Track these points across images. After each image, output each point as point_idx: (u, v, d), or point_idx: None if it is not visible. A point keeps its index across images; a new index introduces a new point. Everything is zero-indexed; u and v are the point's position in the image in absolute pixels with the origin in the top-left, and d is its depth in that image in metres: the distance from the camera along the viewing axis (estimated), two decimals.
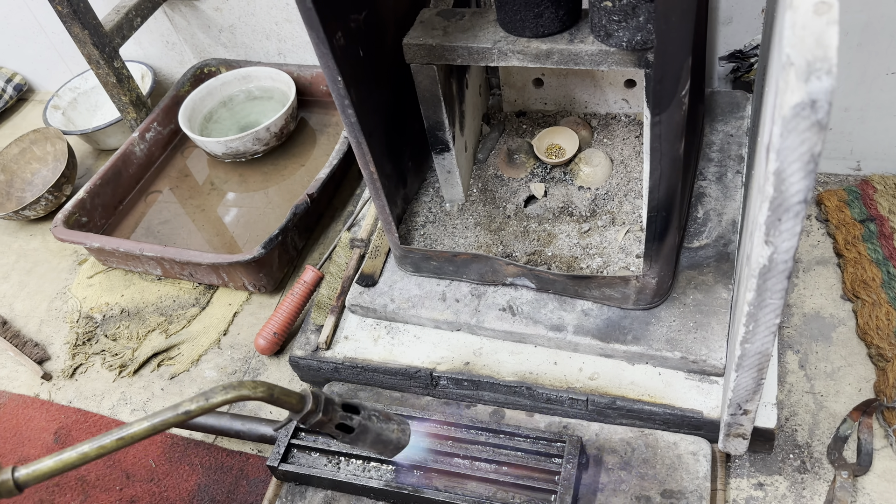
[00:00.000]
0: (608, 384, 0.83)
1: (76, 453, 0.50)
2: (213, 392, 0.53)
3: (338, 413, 0.62)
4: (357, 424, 0.63)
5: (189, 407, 0.53)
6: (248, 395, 0.54)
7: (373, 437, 0.65)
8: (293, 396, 0.58)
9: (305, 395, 0.59)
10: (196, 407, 0.52)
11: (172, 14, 1.38)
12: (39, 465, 0.50)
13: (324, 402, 0.60)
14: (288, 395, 0.57)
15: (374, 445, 0.66)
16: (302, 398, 0.59)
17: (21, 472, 0.49)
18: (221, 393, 0.53)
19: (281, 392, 0.57)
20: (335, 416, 0.62)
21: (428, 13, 0.83)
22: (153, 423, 0.52)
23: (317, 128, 1.31)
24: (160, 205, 1.24)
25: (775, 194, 0.48)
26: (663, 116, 0.64)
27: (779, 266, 0.52)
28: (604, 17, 0.70)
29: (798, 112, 0.43)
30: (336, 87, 0.74)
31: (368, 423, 0.65)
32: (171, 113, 1.31)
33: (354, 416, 0.63)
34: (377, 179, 0.83)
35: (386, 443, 0.67)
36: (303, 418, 0.59)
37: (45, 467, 0.50)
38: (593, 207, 0.94)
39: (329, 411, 0.61)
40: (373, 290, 0.94)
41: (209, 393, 0.53)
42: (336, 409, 0.62)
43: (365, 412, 0.65)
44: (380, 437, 0.66)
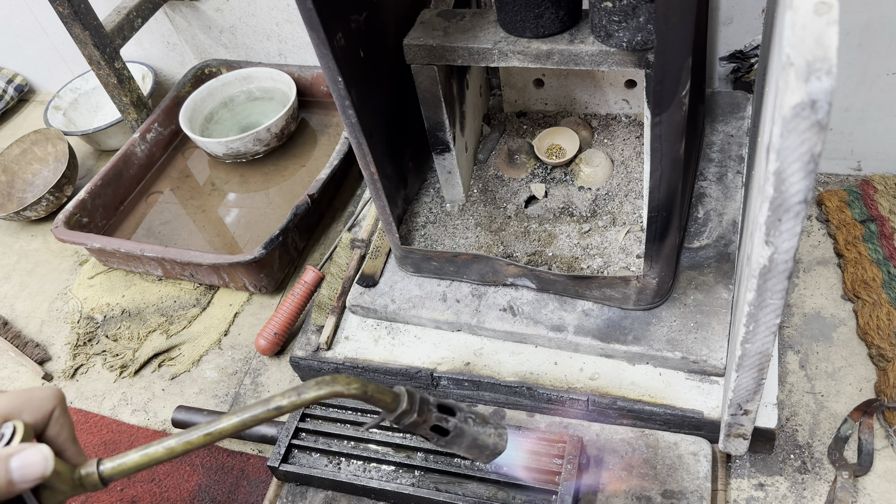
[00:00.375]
0: (609, 384, 0.83)
1: (163, 448, 0.48)
2: (305, 387, 0.51)
3: (433, 414, 0.59)
4: (453, 427, 0.60)
5: (281, 402, 0.50)
6: (342, 392, 0.52)
7: (469, 440, 0.61)
8: (388, 395, 0.55)
9: (400, 393, 0.56)
10: (288, 402, 0.50)
11: (173, 15, 1.38)
12: (125, 458, 0.48)
13: (419, 401, 0.57)
14: (382, 394, 0.55)
15: (470, 450, 0.62)
16: (396, 397, 0.56)
17: (106, 466, 0.47)
18: (314, 388, 0.51)
19: (375, 390, 0.54)
20: (430, 418, 0.58)
21: (428, 14, 0.83)
22: (243, 419, 0.50)
23: (317, 128, 1.31)
24: (161, 205, 1.24)
25: (775, 194, 0.48)
26: (664, 117, 0.64)
27: (779, 266, 0.52)
28: (604, 17, 0.70)
29: (798, 112, 0.43)
30: (337, 88, 0.74)
31: (464, 426, 0.61)
32: (171, 114, 1.31)
33: (450, 419, 0.60)
34: (378, 180, 0.83)
35: (482, 447, 0.62)
36: (396, 418, 0.56)
37: (131, 461, 0.48)
38: (594, 208, 0.94)
39: (424, 412, 0.57)
40: (373, 290, 0.94)
41: (301, 388, 0.51)
42: (431, 409, 0.59)
43: (461, 414, 0.61)
44: (476, 441, 0.62)
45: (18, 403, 0.45)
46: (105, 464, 0.47)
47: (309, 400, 0.51)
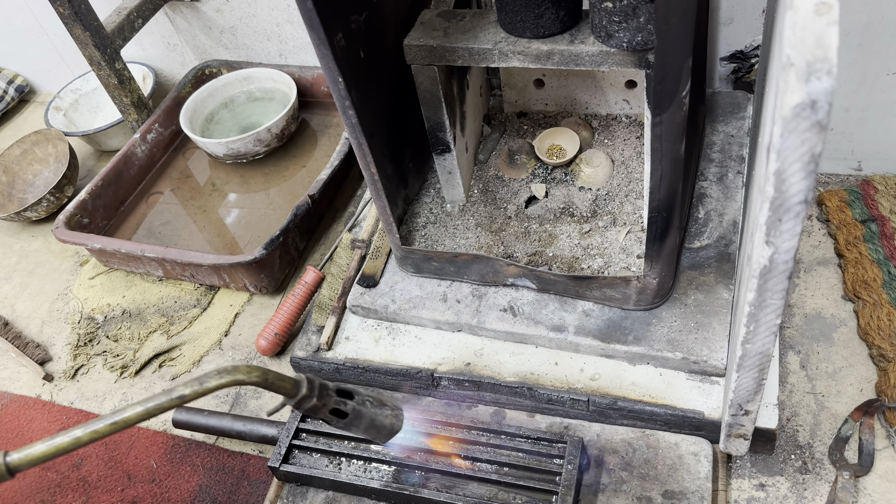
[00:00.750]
0: (609, 385, 0.83)
1: (69, 438, 0.49)
2: (207, 377, 0.53)
3: (332, 398, 0.62)
4: (351, 409, 0.64)
5: (183, 391, 0.52)
6: (243, 380, 0.54)
7: (367, 422, 0.65)
8: (287, 381, 0.58)
9: (300, 380, 0.59)
10: (190, 391, 0.52)
11: (174, 15, 1.38)
12: (31, 449, 0.49)
13: (318, 386, 0.61)
14: (282, 380, 0.58)
15: (368, 431, 0.66)
16: (296, 383, 0.59)
17: (13, 457, 0.48)
18: (216, 377, 0.53)
19: (275, 377, 0.57)
20: (329, 402, 0.62)
21: (429, 14, 0.83)
22: (147, 408, 0.51)
23: (318, 129, 1.31)
24: (161, 206, 1.24)
25: (776, 195, 0.48)
26: (664, 117, 0.64)
27: (780, 266, 0.52)
28: (604, 17, 0.70)
29: (798, 112, 0.43)
30: (337, 89, 0.74)
31: (362, 409, 0.65)
32: (172, 114, 1.31)
33: (348, 402, 0.64)
34: (378, 180, 0.83)
35: (379, 428, 0.67)
36: (297, 403, 0.59)
37: (38, 452, 0.49)
38: (594, 208, 0.94)
39: (323, 396, 0.61)
40: (374, 290, 0.94)
41: (203, 378, 0.53)
42: (330, 394, 0.62)
43: (359, 397, 0.65)
44: (373, 422, 0.66)
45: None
46: (12, 455, 0.49)
47: (211, 388, 0.53)
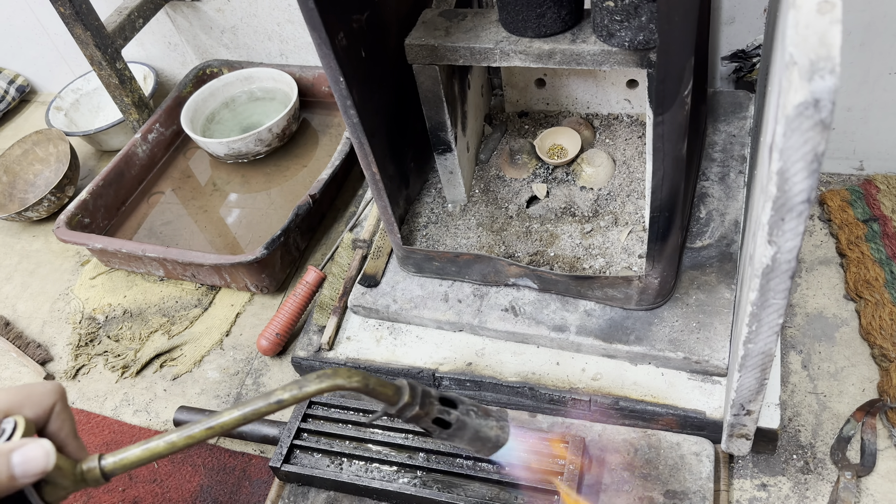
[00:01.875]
0: (611, 385, 0.83)
1: (164, 443, 0.48)
2: (306, 381, 0.51)
3: (435, 407, 0.58)
4: (455, 420, 0.59)
5: (282, 396, 0.50)
6: (343, 385, 0.52)
7: (471, 433, 0.61)
8: (389, 388, 0.55)
9: (402, 386, 0.56)
10: (289, 396, 0.50)
11: (174, 15, 1.38)
12: (126, 454, 0.47)
13: (421, 394, 0.57)
14: (384, 386, 0.55)
15: (473, 442, 0.62)
16: (398, 390, 0.55)
17: (108, 461, 0.47)
18: (316, 382, 0.51)
19: (377, 383, 0.54)
20: (432, 410, 0.58)
21: (430, 14, 0.83)
22: (244, 413, 0.50)
23: (319, 128, 1.31)
24: (162, 206, 1.24)
25: (778, 194, 0.47)
26: (666, 116, 0.64)
27: (782, 266, 0.52)
28: (606, 16, 0.70)
29: (801, 111, 0.42)
30: (338, 88, 0.74)
31: (466, 419, 0.60)
32: (173, 114, 1.31)
33: (452, 411, 0.59)
34: (380, 180, 0.83)
35: (484, 440, 0.62)
36: (398, 411, 0.56)
37: (133, 456, 0.47)
38: (596, 208, 0.94)
39: (426, 405, 0.57)
40: (375, 290, 0.94)
41: (302, 382, 0.51)
42: (433, 402, 0.58)
43: (463, 407, 0.60)
44: (478, 433, 0.61)
45: (19, 399, 0.44)
46: (107, 458, 0.47)
47: (311, 393, 0.51)
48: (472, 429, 0.60)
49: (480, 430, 0.61)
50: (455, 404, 0.60)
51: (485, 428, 0.61)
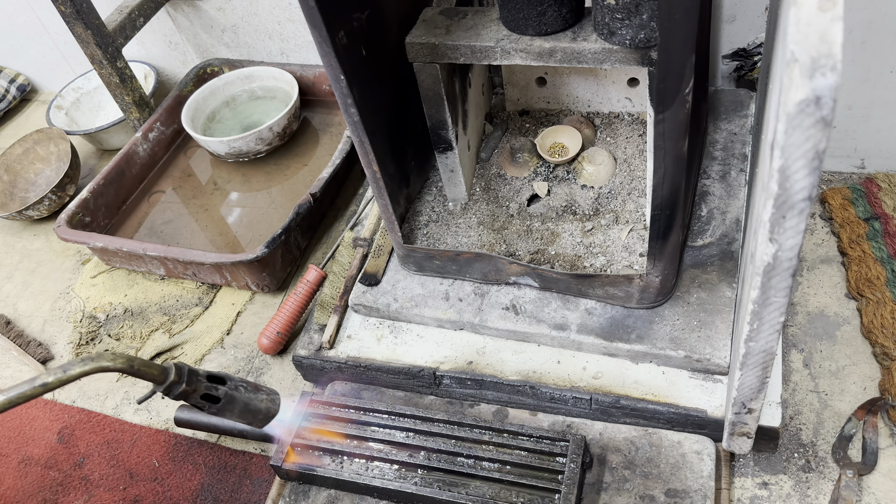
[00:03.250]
0: (612, 383, 0.83)
1: None
2: (71, 364, 0.53)
3: (202, 384, 0.63)
4: (223, 394, 0.64)
5: (47, 379, 0.52)
6: (108, 367, 0.54)
7: (240, 406, 0.66)
8: (155, 368, 0.59)
9: (168, 366, 0.60)
10: (54, 379, 0.52)
11: (175, 14, 1.38)
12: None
13: (187, 372, 0.61)
14: (149, 367, 0.58)
15: (243, 415, 0.67)
16: (164, 370, 0.60)
17: None
18: (80, 365, 0.53)
19: (141, 364, 0.58)
20: (200, 387, 0.63)
21: (430, 12, 0.83)
22: (9, 397, 0.51)
23: (319, 127, 1.31)
24: (163, 205, 1.24)
25: (780, 191, 0.47)
26: (667, 114, 0.64)
27: (783, 264, 0.52)
28: (607, 14, 0.70)
29: (803, 109, 0.42)
30: (339, 87, 0.74)
31: (235, 393, 0.66)
32: (174, 113, 1.31)
33: (220, 387, 0.64)
34: (380, 179, 0.83)
35: (255, 412, 0.68)
36: (166, 389, 0.60)
37: None
38: (596, 206, 0.94)
39: (193, 382, 0.62)
40: (376, 289, 0.94)
41: (67, 365, 0.53)
42: (200, 379, 0.63)
43: (231, 383, 0.66)
44: (248, 406, 0.67)
45: None
46: None
47: (75, 375, 0.53)
48: (242, 402, 0.66)
49: (250, 403, 0.67)
50: (224, 381, 0.65)
51: (254, 401, 0.67)
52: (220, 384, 0.65)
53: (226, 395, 0.65)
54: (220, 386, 0.65)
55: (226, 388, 0.65)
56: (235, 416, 0.67)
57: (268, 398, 0.69)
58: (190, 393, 0.62)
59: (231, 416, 0.67)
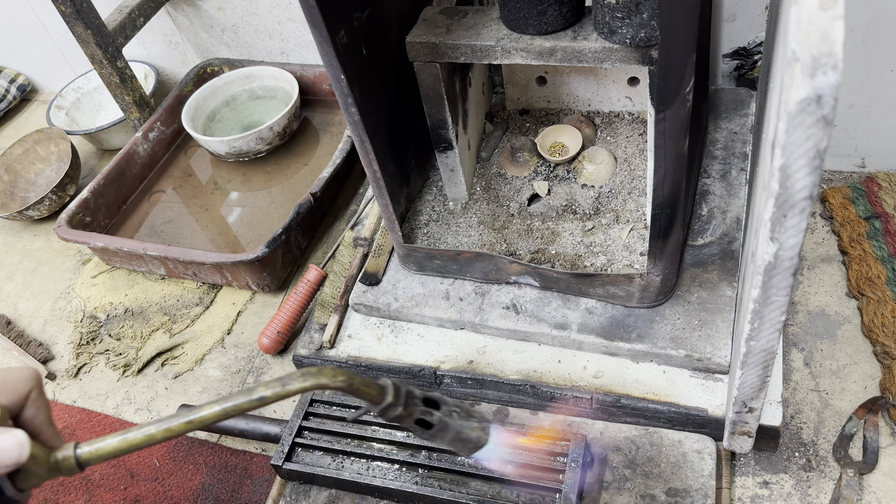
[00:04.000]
0: (612, 382, 0.83)
1: (142, 434, 0.47)
2: (290, 378, 0.50)
3: (418, 408, 0.58)
4: (437, 421, 0.59)
5: (264, 393, 0.49)
6: (327, 384, 0.51)
7: (452, 434, 0.61)
8: (373, 388, 0.55)
9: (385, 386, 0.56)
10: (272, 393, 0.49)
11: (175, 14, 1.38)
12: (103, 443, 0.46)
13: (404, 395, 0.57)
14: (368, 386, 0.54)
15: (454, 443, 0.62)
16: (382, 389, 0.56)
17: (83, 450, 0.45)
18: (299, 380, 0.50)
19: (361, 382, 0.54)
20: (415, 411, 0.58)
21: (431, 11, 0.83)
22: (224, 408, 0.49)
23: (320, 127, 1.31)
24: (164, 204, 1.24)
25: (780, 190, 0.47)
26: (667, 113, 0.64)
27: (784, 263, 0.52)
28: (607, 13, 0.70)
29: (804, 107, 0.42)
30: (339, 86, 0.74)
31: (448, 420, 0.60)
32: (174, 113, 1.31)
33: (435, 412, 0.59)
34: (380, 178, 0.83)
35: (465, 441, 0.62)
36: (381, 411, 0.56)
37: (109, 447, 0.46)
38: (597, 205, 0.94)
39: (409, 405, 0.57)
40: (376, 288, 0.94)
41: (286, 379, 0.50)
42: (416, 402, 0.58)
43: (446, 408, 0.61)
44: (459, 434, 0.61)
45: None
46: (82, 447, 0.46)
47: (293, 391, 0.50)
48: (454, 430, 0.61)
49: (462, 432, 0.61)
50: (438, 405, 0.60)
51: (466, 429, 0.62)
52: (434, 409, 0.60)
53: (440, 421, 0.59)
54: (435, 412, 0.60)
55: (440, 413, 0.60)
56: (445, 444, 0.62)
57: (479, 426, 0.63)
58: (405, 417, 0.57)
59: (441, 442, 0.62)
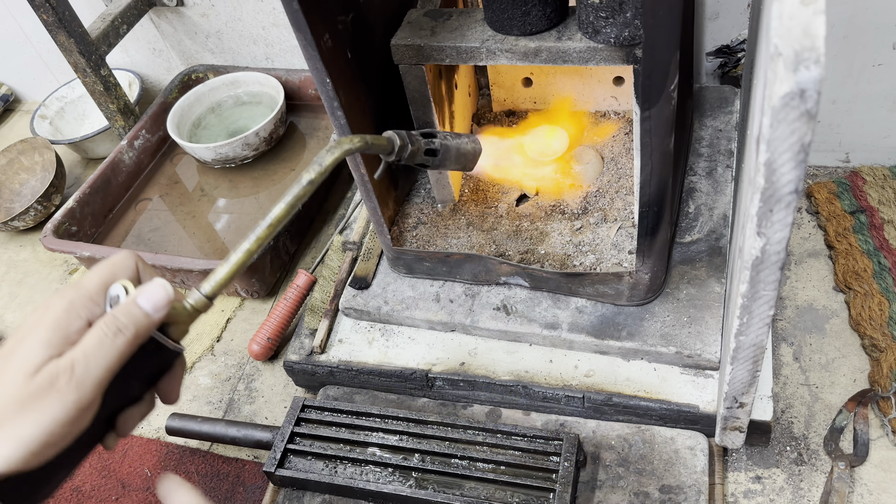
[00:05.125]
0: (604, 381, 0.83)
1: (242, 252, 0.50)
2: (320, 157, 0.54)
3: (421, 141, 0.66)
4: (439, 145, 0.68)
5: (310, 176, 0.52)
6: (351, 149, 0.57)
7: (454, 152, 0.70)
8: (383, 139, 0.62)
9: (391, 136, 0.63)
10: (316, 175, 0.53)
11: (159, 21, 1.37)
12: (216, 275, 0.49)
13: (407, 135, 0.65)
14: (378, 140, 0.61)
15: (458, 161, 0.71)
16: (389, 140, 0.63)
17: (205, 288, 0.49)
18: (329, 155, 0.55)
19: (373, 139, 0.60)
20: (421, 144, 0.66)
21: (415, 14, 0.83)
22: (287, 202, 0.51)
23: (306, 132, 1.31)
24: (150, 212, 1.23)
25: (766, 185, 0.48)
26: (653, 111, 0.64)
27: (771, 257, 0.52)
28: (591, 13, 0.70)
29: (787, 102, 0.43)
30: (325, 90, 0.73)
31: (446, 142, 0.69)
32: (159, 120, 1.30)
33: (434, 140, 0.68)
34: (368, 182, 0.83)
35: (466, 154, 0.71)
36: (398, 154, 0.64)
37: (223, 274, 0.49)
38: (585, 205, 0.94)
39: (415, 141, 0.65)
40: (366, 292, 0.94)
41: (318, 159, 0.54)
42: (418, 138, 0.66)
43: (440, 133, 0.69)
44: (459, 150, 0.70)
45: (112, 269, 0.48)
46: (203, 286, 0.50)
47: (329, 165, 0.54)
48: (454, 148, 0.70)
49: (461, 147, 0.70)
50: (434, 134, 0.69)
51: (463, 145, 0.71)
52: (433, 137, 0.68)
53: (441, 144, 0.68)
54: (434, 139, 0.68)
55: (438, 139, 0.68)
56: (451, 164, 0.70)
57: (469, 140, 0.72)
58: (416, 153, 0.65)
59: (448, 164, 0.70)
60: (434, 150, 0.68)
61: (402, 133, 0.64)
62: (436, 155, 0.68)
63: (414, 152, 0.65)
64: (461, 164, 0.72)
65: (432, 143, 0.67)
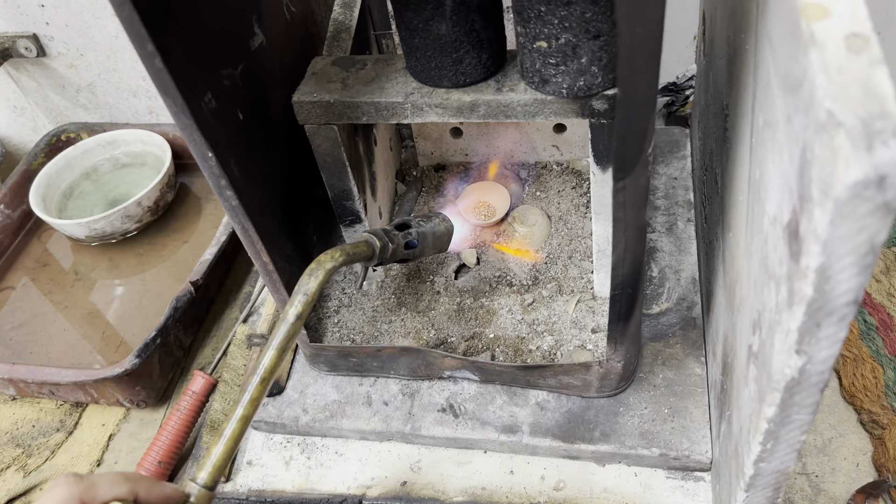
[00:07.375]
0: (577, 495, 0.69)
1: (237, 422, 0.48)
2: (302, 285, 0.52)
3: (398, 236, 0.64)
4: (416, 235, 0.66)
5: (297, 310, 0.51)
6: (334, 267, 0.55)
7: (431, 238, 0.68)
8: (361, 246, 0.60)
9: (368, 238, 0.61)
10: (302, 307, 0.51)
11: (18, 75, 1.16)
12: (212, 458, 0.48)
13: (384, 234, 0.63)
14: (357, 248, 0.59)
15: (436, 245, 0.69)
16: (367, 243, 0.61)
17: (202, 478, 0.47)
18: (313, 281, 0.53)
19: (352, 249, 0.58)
20: (399, 240, 0.64)
21: (321, 63, 0.68)
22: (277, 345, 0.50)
23: (201, 194, 1.13)
24: (13, 304, 1.01)
25: (816, 295, 0.35)
26: (627, 181, 0.51)
27: (812, 378, 0.40)
28: (537, 60, 0.57)
29: (859, 192, 0.30)
30: (208, 165, 0.57)
31: (423, 229, 0.67)
32: (21, 191, 1.09)
33: (411, 231, 0.66)
34: (273, 271, 0.66)
35: (441, 236, 0.70)
36: (380, 258, 0.62)
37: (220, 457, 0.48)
38: (535, 274, 0.81)
39: (394, 238, 0.64)
40: (279, 398, 0.77)
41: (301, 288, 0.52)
42: (395, 234, 0.64)
43: (413, 222, 0.68)
44: (435, 234, 0.69)
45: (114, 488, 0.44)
46: (199, 476, 0.47)
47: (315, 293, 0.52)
48: (430, 234, 0.68)
49: (436, 231, 0.69)
50: (408, 224, 0.67)
51: (436, 227, 0.69)
52: (408, 229, 0.66)
53: (418, 234, 0.66)
54: (411, 230, 0.66)
55: (414, 229, 0.66)
56: (430, 251, 0.69)
57: (440, 220, 0.71)
58: (396, 250, 0.63)
59: (427, 251, 0.68)
60: (412, 243, 0.66)
61: (377, 232, 0.62)
62: (416, 246, 0.66)
63: (395, 250, 0.63)
64: (438, 247, 0.70)
65: (409, 235, 0.66)
